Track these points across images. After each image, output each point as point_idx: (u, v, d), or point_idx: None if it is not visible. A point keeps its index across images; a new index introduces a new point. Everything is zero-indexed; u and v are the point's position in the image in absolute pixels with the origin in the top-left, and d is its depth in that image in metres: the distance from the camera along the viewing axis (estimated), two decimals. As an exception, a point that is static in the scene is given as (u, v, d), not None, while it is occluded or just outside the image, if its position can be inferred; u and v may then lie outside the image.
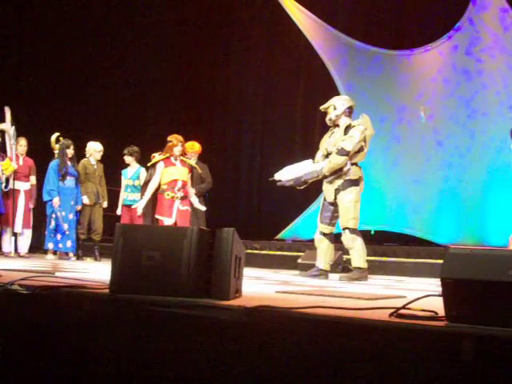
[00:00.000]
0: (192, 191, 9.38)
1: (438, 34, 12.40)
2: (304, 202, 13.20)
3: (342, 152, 7.32)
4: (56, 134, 10.71)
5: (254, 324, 2.92)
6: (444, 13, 12.52)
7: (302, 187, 7.79)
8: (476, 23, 11.95)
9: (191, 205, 9.29)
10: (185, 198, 9.11)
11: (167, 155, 9.06)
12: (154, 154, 9.31)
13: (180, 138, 9.14)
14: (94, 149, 10.66)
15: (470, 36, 12.05)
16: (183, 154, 9.26)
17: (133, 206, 9.92)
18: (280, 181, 7.66)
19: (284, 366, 2.77)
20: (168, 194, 8.95)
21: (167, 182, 8.99)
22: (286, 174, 7.61)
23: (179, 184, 8.99)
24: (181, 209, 9.02)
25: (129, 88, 14.78)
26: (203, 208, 9.70)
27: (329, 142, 7.59)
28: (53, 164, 10.31)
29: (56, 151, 10.57)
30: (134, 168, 10.62)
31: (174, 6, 15.30)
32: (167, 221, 8.93)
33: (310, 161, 7.67)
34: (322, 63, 13.60)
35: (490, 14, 11.83)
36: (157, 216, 9.03)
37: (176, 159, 9.09)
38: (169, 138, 9.17)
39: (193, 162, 9.59)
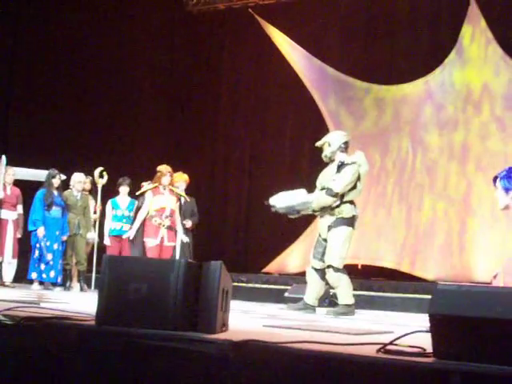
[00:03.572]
0: (179, 220, 9.70)
1: (428, 68, 12.48)
2: (291, 235, 13.18)
3: (330, 192, 7.32)
4: (100, 169, 10.98)
5: (240, 358, 2.90)
6: (434, 47, 12.64)
7: (294, 216, 7.78)
8: (464, 56, 12.07)
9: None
10: (171, 228, 9.44)
11: (156, 185, 9.42)
12: (142, 183, 9.65)
13: (168, 168, 9.52)
14: (75, 180, 10.69)
15: (459, 68, 12.15)
16: (171, 183, 9.55)
17: (124, 236, 10.13)
18: (274, 206, 7.62)
19: (270, 401, 2.75)
20: (155, 221, 9.31)
21: (156, 209, 9.36)
22: (280, 201, 7.57)
23: (167, 212, 9.37)
24: (166, 244, 9.40)
25: (118, 119, 14.78)
26: (186, 239, 9.94)
27: (323, 176, 7.60)
28: (39, 194, 10.27)
29: (99, 185, 10.93)
30: (127, 199, 10.64)
31: (166, 34, 15.39)
32: (151, 242, 9.26)
33: (304, 191, 7.62)
34: (310, 96, 13.67)
35: (477, 46, 11.95)
36: (144, 239, 9.33)
37: (164, 189, 9.44)
38: (158, 169, 9.53)
39: (181, 191, 9.86)
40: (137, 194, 9.66)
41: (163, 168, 9.47)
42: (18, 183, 10.65)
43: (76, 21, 13.93)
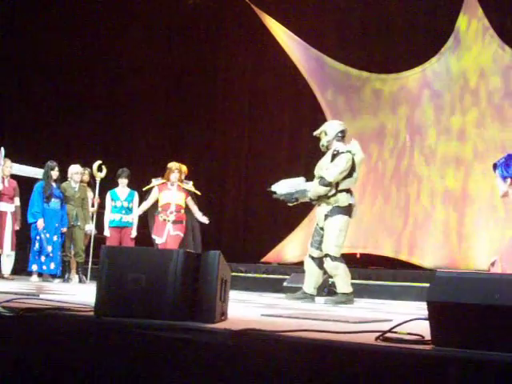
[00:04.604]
0: (195, 209, 10.10)
1: (425, 56, 12.47)
2: (289, 225, 13.20)
3: (323, 182, 7.38)
4: (98, 162, 11.02)
5: (239, 347, 2.90)
6: (431, 35, 12.61)
7: (292, 204, 7.85)
8: (461, 44, 12.04)
9: (185, 230, 9.94)
10: (177, 222, 9.80)
11: (163, 181, 9.91)
12: (152, 180, 9.99)
13: (177, 165, 9.97)
14: (72, 171, 10.69)
15: (456, 56, 12.13)
16: (180, 180, 9.96)
17: (132, 234, 10.54)
18: (275, 193, 7.79)
19: (270, 389, 2.75)
20: (161, 217, 9.77)
21: (162, 205, 9.82)
22: (281, 188, 7.75)
23: (172, 207, 9.77)
24: (171, 234, 9.75)
25: (119, 113, 14.78)
26: (206, 220, 10.18)
27: (319, 165, 7.63)
28: (37, 186, 10.27)
29: (98, 179, 11.00)
30: (126, 190, 10.67)
31: (163, 25, 15.36)
32: (158, 240, 9.73)
33: (303, 179, 7.77)
34: (308, 86, 13.65)
35: (473, 34, 11.92)
36: (152, 236, 9.83)
37: (172, 185, 9.88)
38: (168, 166, 9.99)
39: (190, 186, 10.10)
40: (143, 189, 10.06)
41: (172, 165, 9.92)
42: (13, 176, 10.65)
43: (71, 10, 13.91)
